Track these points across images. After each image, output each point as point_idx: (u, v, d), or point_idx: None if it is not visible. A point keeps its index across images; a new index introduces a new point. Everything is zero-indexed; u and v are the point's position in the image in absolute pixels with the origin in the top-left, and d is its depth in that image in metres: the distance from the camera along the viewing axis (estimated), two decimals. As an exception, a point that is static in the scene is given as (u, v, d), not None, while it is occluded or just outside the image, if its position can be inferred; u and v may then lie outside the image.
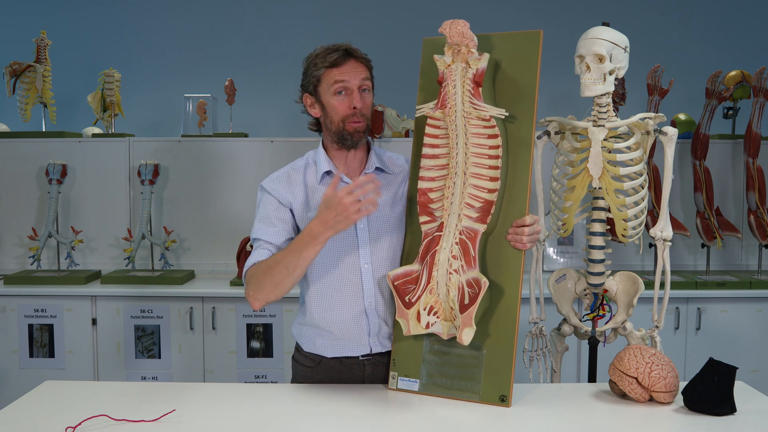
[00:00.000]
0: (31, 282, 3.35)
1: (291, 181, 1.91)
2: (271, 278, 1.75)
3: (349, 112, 1.81)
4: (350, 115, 1.81)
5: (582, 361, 3.23)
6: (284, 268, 1.73)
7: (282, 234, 1.85)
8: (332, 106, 1.82)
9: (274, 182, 1.91)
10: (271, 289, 1.76)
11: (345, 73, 1.80)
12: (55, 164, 3.53)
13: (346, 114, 1.81)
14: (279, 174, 1.93)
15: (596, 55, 2.02)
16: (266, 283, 1.76)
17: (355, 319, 1.87)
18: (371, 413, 1.71)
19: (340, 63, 1.80)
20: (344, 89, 1.81)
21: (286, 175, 1.92)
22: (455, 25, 1.70)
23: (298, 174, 1.92)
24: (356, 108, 1.80)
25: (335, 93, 1.81)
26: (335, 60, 1.79)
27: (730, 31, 4.30)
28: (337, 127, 1.83)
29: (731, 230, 3.46)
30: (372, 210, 1.67)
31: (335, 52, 1.80)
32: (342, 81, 1.80)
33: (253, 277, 1.79)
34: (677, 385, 1.76)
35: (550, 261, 3.67)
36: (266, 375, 3.28)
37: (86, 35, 4.35)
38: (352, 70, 1.81)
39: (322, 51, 1.82)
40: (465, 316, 1.70)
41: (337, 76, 1.80)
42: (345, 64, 1.80)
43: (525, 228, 1.75)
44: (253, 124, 4.19)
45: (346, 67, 1.80)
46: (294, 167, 1.94)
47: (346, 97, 1.81)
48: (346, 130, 1.82)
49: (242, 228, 3.61)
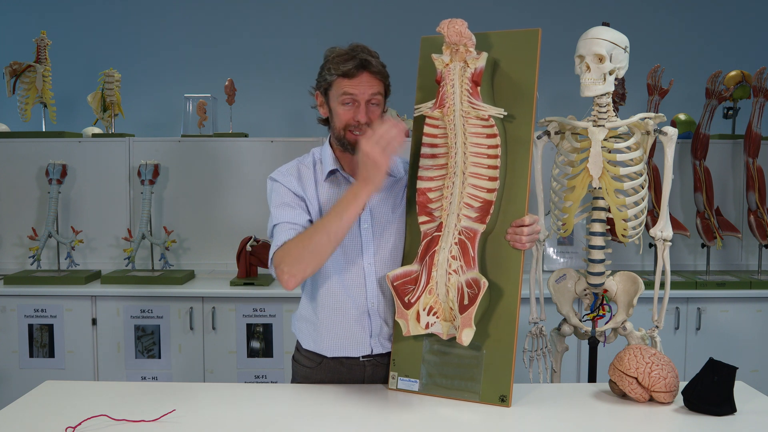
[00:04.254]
0: (31, 282, 3.35)
1: (301, 176, 1.90)
2: (312, 248, 1.68)
3: (352, 123, 1.80)
4: (353, 126, 1.80)
5: (582, 361, 3.23)
6: (325, 235, 1.67)
7: (304, 215, 1.82)
8: (337, 114, 1.82)
9: (285, 175, 1.89)
10: (311, 259, 1.69)
11: (355, 87, 1.78)
12: (55, 164, 3.53)
13: (348, 124, 1.81)
14: (289, 167, 1.92)
15: (596, 55, 2.02)
16: (306, 253, 1.69)
17: (357, 320, 1.87)
18: (371, 413, 1.71)
19: (352, 75, 1.77)
20: (352, 101, 1.80)
21: (296, 169, 1.91)
22: (453, 24, 1.69)
23: (308, 170, 1.91)
24: (359, 121, 1.80)
25: (343, 103, 1.80)
26: (348, 71, 1.76)
27: (730, 31, 4.30)
28: (339, 134, 1.83)
29: (731, 230, 3.46)
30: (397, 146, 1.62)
31: (350, 62, 1.76)
32: (351, 94, 1.78)
33: (287, 253, 1.72)
34: (677, 385, 1.76)
35: (550, 261, 3.67)
36: (266, 375, 3.28)
37: (86, 35, 4.35)
38: (363, 84, 1.78)
39: (339, 56, 1.79)
40: (464, 317, 1.69)
41: (347, 87, 1.78)
42: (357, 77, 1.77)
43: (524, 228, 1.74)
44: (253, 124, 4.20)
45: (357, 80, 1.78)
46: (303, 162, 1.93)
47: (352, 108, 1.80)
48: (346, 138, 1.82)
49: (242, 228, 3.61)
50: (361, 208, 1.68)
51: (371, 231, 1.87)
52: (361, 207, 1.68)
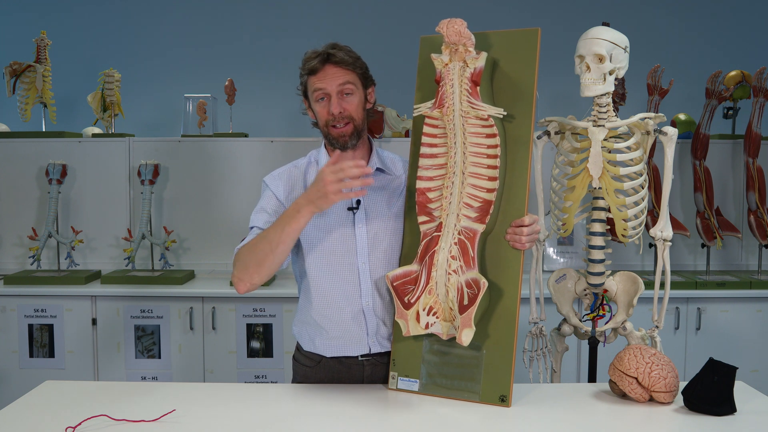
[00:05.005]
0: (31, 282, 3.35)
1: (291, 180, 1.92)
2: (255, 256, 1.73)
3: (329, 118, 1.81)
4: (330, 120, 1.81)
5: (582, 361, 3.23)
6: (267, 244, 1.71)
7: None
8: (317, 112, 1.85)
9: (275, 179, 1.93)
10: (255, 268, 1.73)
11: (322, 81, 1.80)
12: (55, 164, 3.53)
13: (327, 119, 1.82)
14: (281, 171, 1.95)
15: (596, 55, 2.02)
16: (250, 261, 1.74)
17: (353, 319, 1.88)
18: (371, 413, 1.71)
19: (317, 70, 1.80)
20: (324, 95, 1.81)
21: (287, 173, 1.94)
22: (452, 24, 1.69)
23: (299, 171, 1.94)
24: (333, 114, 1.80)
25: (317, 100, 1.82)
26: (313, 67, 1.80)
27: (730, 31, 4.30)
28: (324, 132, 1.85)
29: (731, 230, 3.46)
30: (352, 196, 1.67)
31: (315, 59, 1.79)
32: (321, 89, 1.80)
33: (238, 258, 1.78)
34: (677, 385, 1.76)
35: (550, 261, 3.67)
36: (266, 375, 3.28)
37: (86, 35, 4.35)
38: (329, 77, 1.80)
39: (306, 57, 1.82)
40: (464, 317, 1.69)
41: (316, 83, 1.81)
42: (322, 70, 1.80)
43: (524, 228, 1.75)
44: (253, 124, 4.20)
45: (322, 74, 1.80)
46: (296, 165, 1.96)
47: (326, 103, 1.81)
48: (330, 134, 1.84)
49: (242, 228, 3.60)
50: (302, 224, 1.70)
51: (365, 230, 1.87)
52: (303, 223, 1.70)
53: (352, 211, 1.87)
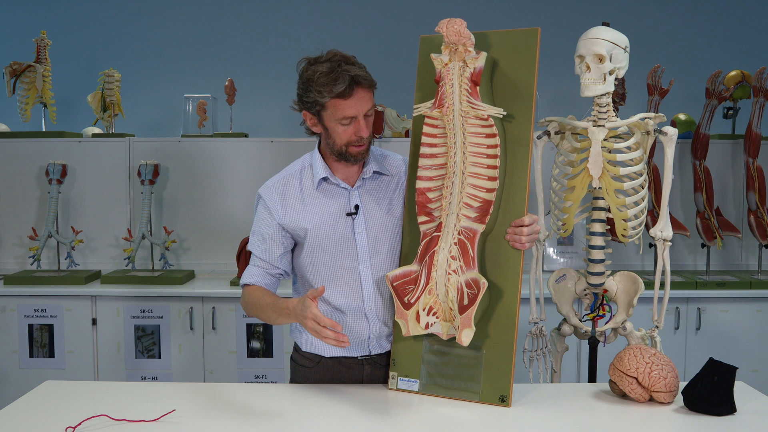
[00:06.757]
0: (31, 282, 3.35)
1: (286, 190, 1.89)
2: (258, 316, 1.87)
3: (354, 139, 1.78)
4: (354, 141, 1.79)
5: (582, 361, 3.23)
6: (267, 318, 1.84)
7: (275, 249, 1.90)
8: (337, 133, 1.79)
9: (270, 190, 1.90)
10: (260, 319, 1.91)
11: (353, 108, 1.74)
12: (55, 164, 3.53)
13: (350, 140, 1.79)
14: (275, 181, 1.91)
15: (596, 55, 2.02)
16: (256, 315, 1.89)
17: (355, 323, 1.87)
18: (371, 413, 1.71)
19: (347, 95, 1.72)
20: (351, 119, 1.77)
21: (282, 183, 1.90)
22: (452, 23, 1.69)
23: (294, 180, 1.90)
24: (361, 137, 1.78)
25: (342, 123, 1.77)
26: (342, 92, 1.71)
27: (730, 31, 4.30)
28: (339, 149, 1.81)
29: (731, 230, 3.46)
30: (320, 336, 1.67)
31: (340, 81, 1.70)
32: (353, 116, 1.75)
33: (245, 301, 1.90)
34: (677, 385, 1.76)
35: (550, 261, 3.67)
36: (266, 375, 3.28)
37: (86, 35, 4.35)
38: (360, 101, 1.75)
39: (325, 77, 1.71)
40: (464, 317, 1.69)
41: (346, 110, 1.74)
42: (352, 95, 1.73)
43: (524, 228, 1.74)
44: (253, 124, 4.20)
45: (353, 99, 1.73)
46: (290, 173, 1.92)
47: (352, 126, 1.77)
48: (348, 152, 1.81)
49: (242, 228, 3.61)
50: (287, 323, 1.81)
51: (365, 235, 1.86)
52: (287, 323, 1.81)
53: (351, 217, 1.86)
